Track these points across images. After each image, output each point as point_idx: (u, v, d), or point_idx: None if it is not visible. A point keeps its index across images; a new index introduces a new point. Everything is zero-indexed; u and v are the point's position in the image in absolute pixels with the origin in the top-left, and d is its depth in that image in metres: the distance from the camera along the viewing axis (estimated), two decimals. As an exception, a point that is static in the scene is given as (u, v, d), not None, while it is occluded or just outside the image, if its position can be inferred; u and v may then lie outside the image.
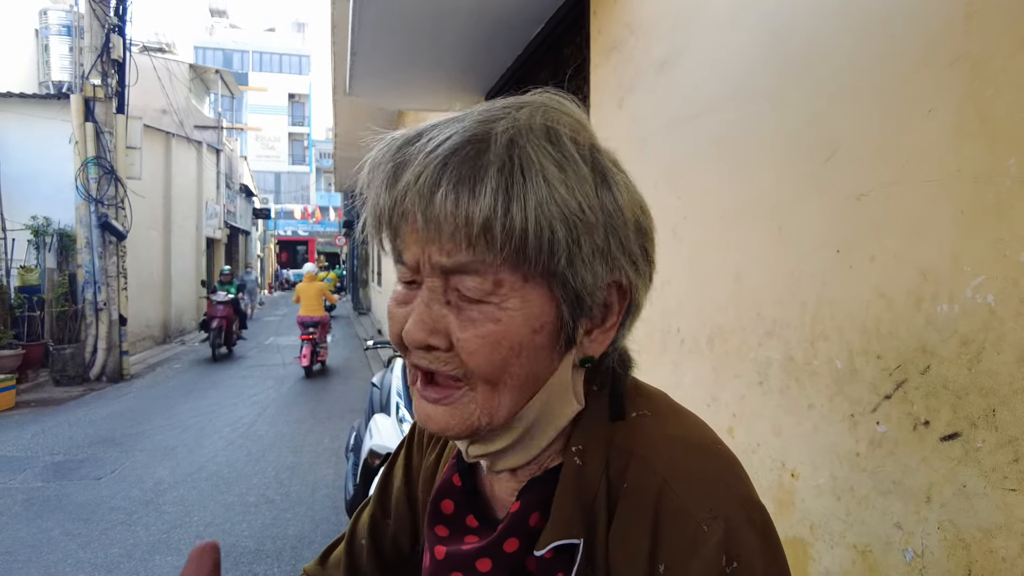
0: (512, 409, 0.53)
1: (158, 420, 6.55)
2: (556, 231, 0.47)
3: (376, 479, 0.80)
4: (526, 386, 0.52)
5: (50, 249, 9.06)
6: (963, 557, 1.02)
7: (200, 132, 16.25)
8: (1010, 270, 0.94)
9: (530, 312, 0.50)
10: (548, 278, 0.49)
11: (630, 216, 0.52)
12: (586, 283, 0.50)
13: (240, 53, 45.09)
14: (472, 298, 0.49)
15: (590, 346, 0.54)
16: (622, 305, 0.54)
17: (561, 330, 0.51)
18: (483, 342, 0.49)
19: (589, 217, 0.49)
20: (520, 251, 0.47)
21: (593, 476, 0.53)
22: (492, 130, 0.49)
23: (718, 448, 0.54)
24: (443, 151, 0.48)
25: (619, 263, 0.52)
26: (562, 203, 0.47)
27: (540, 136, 0.49)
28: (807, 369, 1.39)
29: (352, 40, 3.35)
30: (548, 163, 0.48)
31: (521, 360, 0.50)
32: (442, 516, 0.63)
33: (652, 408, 0.57)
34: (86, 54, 8.63)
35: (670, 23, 1.96)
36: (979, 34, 0.99)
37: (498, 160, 0.47)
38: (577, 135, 0.51)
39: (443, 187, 0.47)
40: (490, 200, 0.46)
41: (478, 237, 0.47)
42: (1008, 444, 0.94)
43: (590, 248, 0.49)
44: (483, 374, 0.50)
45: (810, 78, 1.38)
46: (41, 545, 3.59)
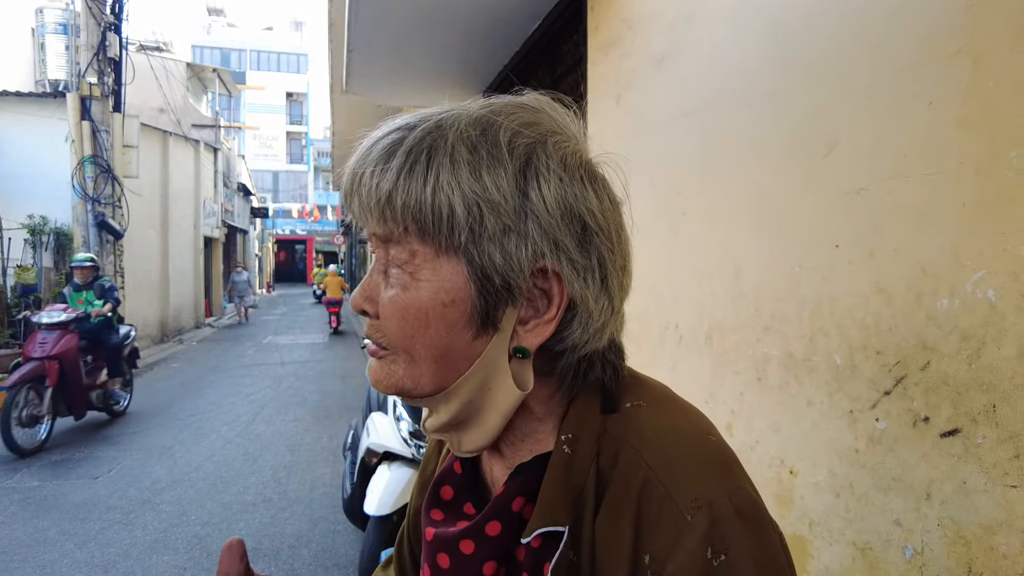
0: (434, 381, 0.54)
1: (156, 419, 6.53)
2: (455, 207, 0.49)
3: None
4: (444, 360, 0.53)
5: (47, 248, 9.04)
6: (963, 554, 1.01)
7: (198, 131, 16.22)
8: (1011, 264, 0.93)
9: (440, 285, 0.51)
10: (458, 253, 0.51)
11: (556, 207, 0.51)
12: (495, 262, 0.50)
13: (238, 52, 45.00)
14: (396, 265, 0.53)
15: (525, 336, 0.53)
16: (562, 298, 0.52)
17: (476, 309, 0.52)
18: (394, 307, 0.53)
19: (494, 196, 0.50)
20: (420, 223, 0.50)
21: (582, 464, 0.53)
22: (429, 118, 0.53)
23: (709, 438, 0.54)
24: (375, 137, 0.54)
25: (540, 248, 0.51)
26: (464, 182, 0.49)
27: (471, 125, 0.52)
28: (806, 365, 1.38)
29: (348, 37, 3.34)
30: (461, 146, 0.50)
31: (431, 332, 0.52)
32: (440, 501, 0.64)
33: (647, 398, 0.57)
34: (82, 52, 8.61)
35: (668, 19, 1.95)
36: (980, 26, 0.98)
37: (413, 141, 0.51)
38: (523, 131, 0.52)
39: (368, 167, 0.52)
40: (393, 175, 0.50)
41: (384, 208, 0.51)
42: (1009, 440, 0.93)
43: (497, 227, 0.50)
44: (396, 341, 0.54)
45: (809, 72, 1.37)
46: (37, 544, 3.57)
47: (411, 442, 2.81)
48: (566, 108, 0.58)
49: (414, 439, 2.81)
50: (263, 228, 33.89)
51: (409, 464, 2.80)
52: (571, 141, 0.55)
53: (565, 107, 0.58)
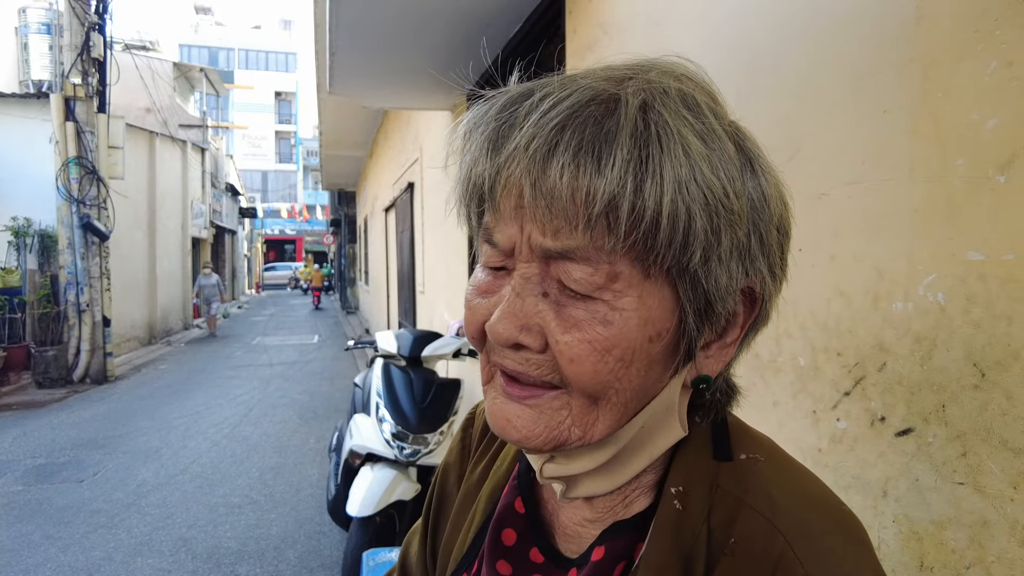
0: (610, 428, 0.45)
1: (142, 422, 6.51)
2: (695, 218, 0.39)
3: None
4: (631, 403, 0.44)
5: (31, 250, 8.98)
6: (916, 549, 1.04)
7: (185, 131, 16.13)
8: (958, 269, 0.96)
9: (648, 315, 0.41)
10: (676, 275, 0.41)
11: (776, 210, 0.44)
12: (719, 285, 0.41)
13: (226, 51, 44.77)
14: (577, 292, 0.41)
15: (706, 363, 0.46)
16: (748, 316, 0.45)
17: (682, 340, 0.43)
18: (590, 348, 0.41)
19: (733, 204, 0.40)
20: (648, 239, 0.39)
21: (693, 523, 0.46)
22: (622, 90, 0.41)
23: (844, 511, 0.47)
24: (562, 110, 0.40)
25: (757, 265, 0.43)
26: (705, 185, 0.39)
27: (678, 102, 0.41)
28: (772, 366, 1.41)
29: (330, 39, 3.35)
30: (689, 134, 0.39)
31: (631, 373, 0.42)
32: (503, 548, 0.55)
33: (763, 452, 0.49)
34: (66, 53, 8.54)
35: (641, 23, 1.97)
36: (929, 37, 1.01)
37: (630, 125, 0.39)
38: (715, 107, 0.43)
39: (560, 154, 0.39)
40: (619, 173, 0.37)
41: (599, 218, 0.38)
42: (957, 439, 0.96)
43: (730, 243, 0.41)
44: (583, 386, 0.42)
45: (774, 78, 1.39)
46: (21, 549, 3.57)
47: (394, 444, 2.82)
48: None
49: (396, 441, 2.83)
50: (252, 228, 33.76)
51: (391, 465, 2.82)
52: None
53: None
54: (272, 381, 8.79)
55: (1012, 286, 0.87)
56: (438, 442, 2.89)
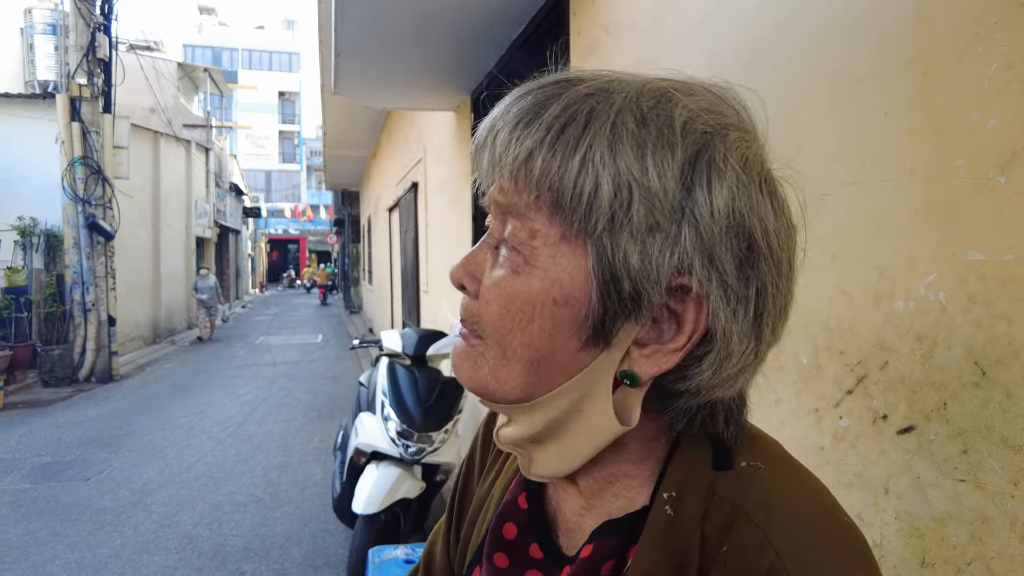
0: (523, 387, 0.47)
1: (147, 420, 6.54)
2: (602, 184, 0.41)
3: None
4: (539, 365, 0.46)
5: (37, 250, 9.02)
6: (918, 546, 1.05)
7: (189, 131, 16.18)
8: (959, 268, 0.97)
9: (557, 276, 0.44)
10: (585, 241, 0.43)
11: (725, 214, 0.42)
12: (629, 263, 0.42)
13: (229, 51, 44.86)
14: (510, 244, 0.46)
15: (639, 361, 0.45)
16: (695, 327, 0.43)
17: (591, 314, 0.44)
18: (497, 292, 0.46)
19: (652, 182, 0.41)
20: (557, 196, 0.43)
21: (686, 529, 0.45)
22: (597, 77, 0.45)
23: (844, 523, 0.45)
24: (536, 89, 0.46)
25: (689, 261, 0.42)
26: (621, 158, 0.41)
27: (644, 94, 0.44)
28: (774, 364, 1.42)
29: (335, 40, 3.36)
30: (628, 116, 0.42)
31: (533, 329, 0.45)
32: (504, 543, 0.56)
33: (767, 459, 0.49)
34: (72, 53, 8.58)
35: (645, 25, 1.98)
36: (929, 38, 1.02)
37: (572, 99, 0.44)
38: (703, 115, 0.44)
39: (511, 120, 0.45)
40: (540, 133, 0.43)
41: (520, 168, 0.44)
42: (958, 436, 0.97)
43: (645, 221, 0.41)
44: (491, 330, 0.47)
45: (776, 78, 1.40)
46: (28, 546, 3.60)
47: (399, 442, 2.84)
48: (750, 106, 0.50)
49: (402, 439, 2.84)
50: (256, 228, 33.83)
51: (397, 463, 2.84)
52: (754, 143, 0.46)
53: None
54: (276, 380, 8.82)
55: (1012, 286, 0.88)
56: (443, 440, 2.91)
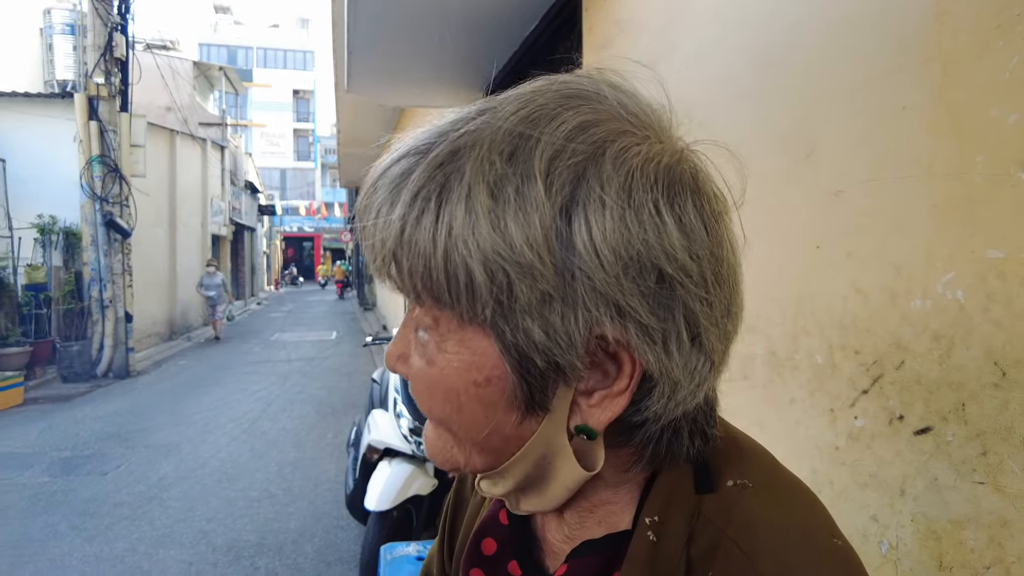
0: (484, 461, 0.46)
1: (163, 416, 6.61)
2: (473, 272, 0.38)
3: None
4: (487, 443, 0.44)
5: (56, 247, 9.16)
6: (935, 549, 1.03)
7: (204, 129, 16.32)
8: (978, 266, 0.95)
9: (470, 360, 0.41)
10: (486, 327, 0.40)
11: (617, 259, 0.38)
12: (533, 339, 0.39)
13: (244, 49, 45.16)
14: (423, 328, 0.44)
15: (589, 411, 0.43)
16: (634, 367, 0.41)
17: (516, 390, 0.42)
18: (420, 383, 0.45)
19: (525, 257, 0.37)
20: (431, 290, 0.40)
21: (670, 554, 0.43)
22: (446, 137, 0.41)
23: (835, 545, 0.43)
24: (386, 168, 0.43)
25: (596, 316, 0.39)
26: (483, 239, 0.38)
27: (495, 148, 0.39)
28: (789, 364, 1.40)
29: (348, 38, 3.37)
30: (480, 186, 0.38)
31: (466, 415, 0.43)
32: (481, 558, 0.55)
33: (755, 477, 0.46)
34: (89, 53, 8.68)
35: (657, 21, 1.97)
36: (949, 33, 1.00)
37: (420, 179, 0.40)
38: (569, 146, 0.39)
39: (372, 210, 0.42)
40: (396, 227, 0.40)
41: (389, 266, 0.41)
42: (976, 438, 0.96)
43: (533, 296, 0.38)
44: (434, 417, 0.46)
45: (791, 75, 1.39)
46: (48, 539, 3.65)
47: (411, 439, 2.85)
48: (637, 88, 0.45)
49: (414, 436, 2.85)
50: (271, 225, 34.05)
51: (409, 460, 2.84)
52: (644, 141, 0.41)
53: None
54: (290, 377, 8.88)
55: (1033, 284, 0.87)
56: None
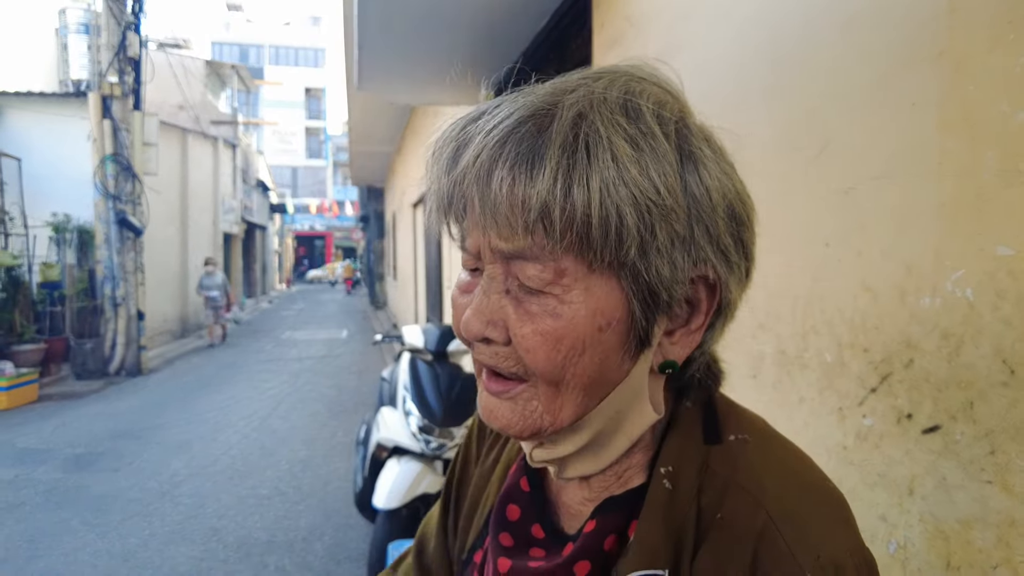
0: (577, 412, 0.48)
1: (174, 414, 6.67)
2: (625, 216, 0.42)
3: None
4: (592, 389, 0.47)
5: (70, 245, 9.24)
6: (943, 549, 1.03)
7: (216, 127, 16.43)
8: (987, 264, 0.94)
9: (596, 306, 0.45)
10: (617, 269, 0.44)
11: (720, 200, 0.46)
12: (662, 276, 0.44)
13: (256, 48, 45.37)
14: (532, 288, 0.45)
15: (671, 349, 0.48)
16: (711, 303, 0.47)
17: (632, 328, 0.46)
18: (542, 340, 0.45)
19: (666, 200, 0.43)
20: (583, 238, 0.43)
21: (683, 502, 0.48)
22: (560, 103, 0.45)
23: (828, 487, 0.50)
24: (503, 128, 0.44)
25: (705, 254, 0.46)
26: (633, 184, 0.42)
27: (614, 109, 0.44)
28: (798, 362, 1.40)
29: (359, 35, 3.38)
30: (619, 139, 0.43)
31: (585, 360, 0.46)
32: (507, 523, 0.58)
33: (753, 432, 0.52)
34: (103, 52, 8.76)
35: (668, 17, 1.96)
36: (961, 29, 0.99)
37: (560, 136, 0.43)
38: (663, 108, 0.46)
39: (499, 168, 0.43)
40: (548, 182, 0.42)
41: (536, 223, 0.43)
42: (985, 437, 0.95)
43: (667, 236, 0.44)
44: (543, 373, 0.46)
45: (801, 73, 1.38)
46: (61, 534, 3.69)
47: (420, 437, 2.86)
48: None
49: (423, 434, 2.86)
50: (282, 224, 34.23)
51: (418, 458, 2.85)
52: (689, 110, 0.49)
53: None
54: (301, 375, 8.93)
55: (1043, 282, 0.86)
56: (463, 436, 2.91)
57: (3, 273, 8.18)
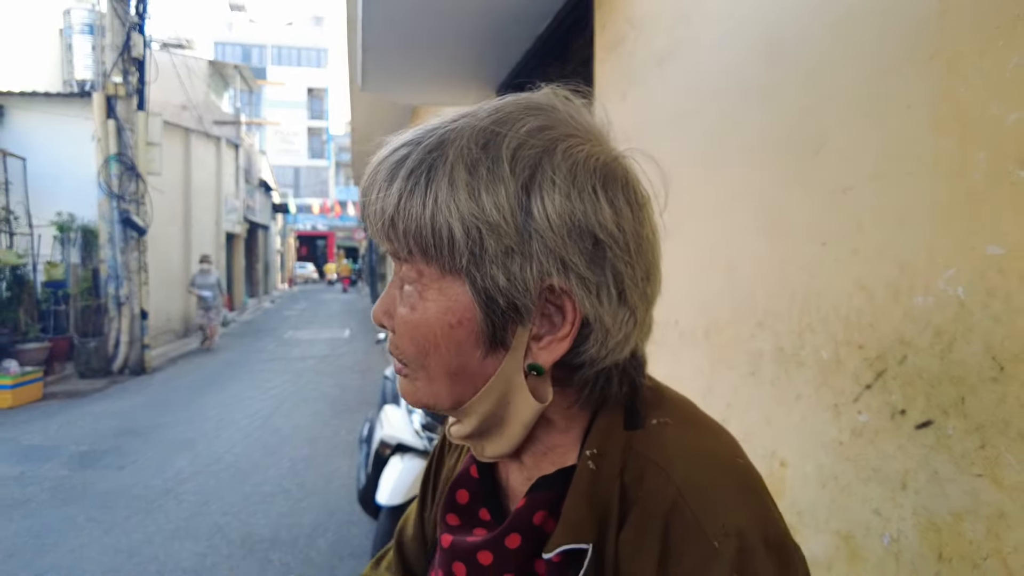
0: (453, 396, 0.55)
1: (178, 412, 6.70)
2: (454, 230, 0.49)
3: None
4: (458, 378, 0.54)
5: (74, 244, 9.28)
6: (935, 541, 1.05)
7: (219, 127, 16.48)
8: (978, 262, 0.96)
9: (447, 305, 0.52)
10: (464, 275, 0.51)
11: (562, 223, 0.49)
12: (498, 283, 0.50)
13: (259, 48, 45.42)
14: (406, 283, 0.54)
15: (539, 353, 0.52)
16: (575, 315, 0.51)
17: (483, 328, 0.52)
18: (405, 326, 0.54)
19: (493, 218, 0.48)
20: (422, 247, 0.51)
21: (607, 481, 0.53)
22: (434, 132, 0.52)
23: (738, 463, 0.53)
24: (386, 156, 0.54)
25: (547, 268, 0.50)
26: (462, 204, 0.49)
27: (473, 139, 0.51)
28: (795, 360, 1.42)
29: (363, 37, 3.41)
30: (460, 166, 0.49)
31: (441, 351, 0.53)
32: (455, 505, 0.64)
33: (675, 416, 0.57)
34: (108, 52, 8.80)
35: (669, 18, 1.98)
36: (952, 30, 1.01)
37: (414, 163, 0.51)
38: (529, 141, 0.51)
39: (375, 188, 0.53)
40: (395, 199, 0.51)
41: (388, 229, 0.52)
42: (976, 431, 0.97)
43: (499, 248, 0.49)
44: (409, 358, 0.55)
45: (800, 73, 1.40)
46: (67, 530, 3.72)
47: (423, 434, 2.88)
48: (585, 101, 0.57)
49: (426, 431, 2.88)
50: (284, 224, 34.27)
51: (421, 456, 2.88)
52: (587, 143, 0.53)
53: (583, 100, 0.57)
54: (304, 374, 8.96)
55: (1032, 280, 0.88)
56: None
57: (8, 272, 8.22)
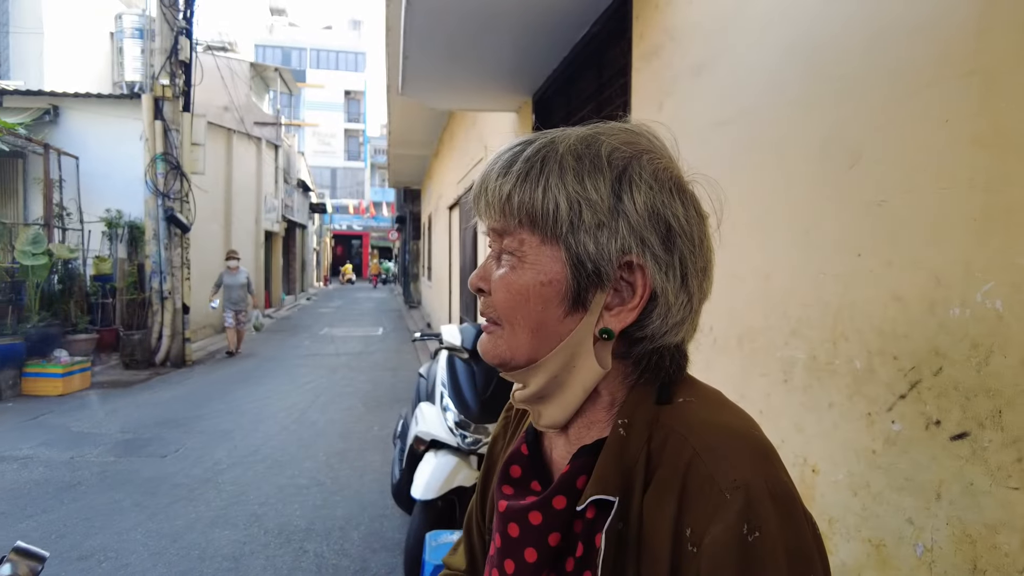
0: (529, 352, 0.64)
1: (217, 405, 6.89)
2: (559, 204, 0.60)
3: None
4: (539, 331, 0.63)
5: (121, 240, 9.62)
6: (969, 552, 1.06)
7: (260, 128, 16.82)
8: (1017, 276, 0.97)
9: (541, 267, 0.62)
10: (559, 241, 0.61)
11: (644, 209, 0.60)
12: (588, 249, 0.60)
13: (298, 51, 46.23)
14: (506, 251, 0.64)
15: (610, 320, 0.62)
16: (644, 289, 0.60)
17: (568, 288, 0.61)
18: (501, 283, 0.64)
19: (592, 196, 0.60)
20: (532, 217, 0.62)
21: (635, 446, 0.60)
22: (544, 136, 0.65)
23: (753, 434, 0.60)
24: (505, 151, 0.66)
25: (628, 243, 0.60)
26: (569, 184, 0.60)
27: (579, 140, 0.63)
28: (828, 368, 1.43)
29: (404, 45, 3.48)
30: (569, 156, 0.61)
31: (529, 305, 0.63)
32: (510, 479, 0.72)
33: (699, 396, 0.64)
34: (156, 56, 9.09)
35: (706, 30, 2.00)
36: (990, 48, 1.02)
37: (530, 153, 0.63)
38: (621, 147, 0.62)
39: (494, 174, 0.64)
40: (513, 179, 0.62)
41: (504, 204, 0.63)
42: (1012, 444, 0.98)
43: (592, 221, 0.60)
44: (502, 312, 0.65)
45: (836, 87, 1.42)
46: (114, 514, 3.87)
47: (456, 432, 2.94)
48: (661, 135, 0.68)
49: (459, 429, 2.94)
50: (321, 223, 34.81)
51: (454, 452, 2.93)
52: (664, 159, 0.64)
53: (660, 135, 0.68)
54: (338, 370, 9.11)
55: (1069, 295, 0.89)
56: (497, 432, 2.98)
57: (61, 266, 8.55)
